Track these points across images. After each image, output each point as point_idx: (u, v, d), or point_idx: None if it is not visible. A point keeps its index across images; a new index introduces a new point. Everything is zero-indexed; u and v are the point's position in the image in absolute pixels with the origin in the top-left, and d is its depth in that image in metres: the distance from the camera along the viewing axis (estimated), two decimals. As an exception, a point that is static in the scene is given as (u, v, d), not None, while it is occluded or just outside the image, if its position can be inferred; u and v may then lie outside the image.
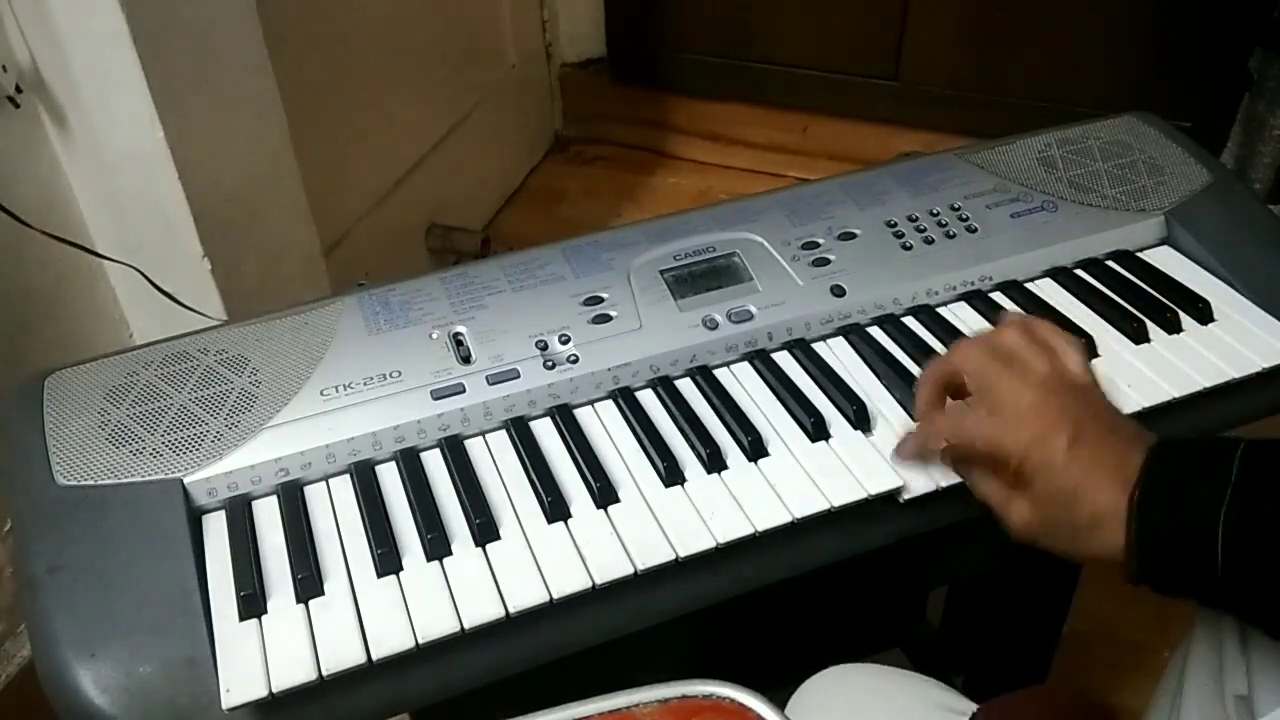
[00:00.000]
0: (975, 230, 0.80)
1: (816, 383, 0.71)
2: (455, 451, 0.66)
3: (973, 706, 0.60)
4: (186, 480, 0.62)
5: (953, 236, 0.80)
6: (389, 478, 0.65)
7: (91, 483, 0.62)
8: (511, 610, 0.57)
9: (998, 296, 0.78)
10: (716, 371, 0.72)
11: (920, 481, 0.64)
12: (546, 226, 1.95)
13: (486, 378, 0.68)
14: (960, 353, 0.64)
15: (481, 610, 0.57)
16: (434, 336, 0.71)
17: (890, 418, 0.68)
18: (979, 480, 0.62)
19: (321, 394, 0.67)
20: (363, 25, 1.50)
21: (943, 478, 0.64)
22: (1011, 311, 0.66)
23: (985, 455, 0.61)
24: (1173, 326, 0.74)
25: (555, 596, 0.57)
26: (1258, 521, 0.52)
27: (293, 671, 0.54)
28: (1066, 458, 0.57)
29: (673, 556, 0.59)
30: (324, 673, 0.54)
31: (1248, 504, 0.52)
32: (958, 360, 0.64)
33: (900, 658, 1.11)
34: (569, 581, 0.58)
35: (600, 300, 0.73)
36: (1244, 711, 0.66)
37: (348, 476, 0.65)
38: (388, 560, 0.59)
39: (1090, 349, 0.72)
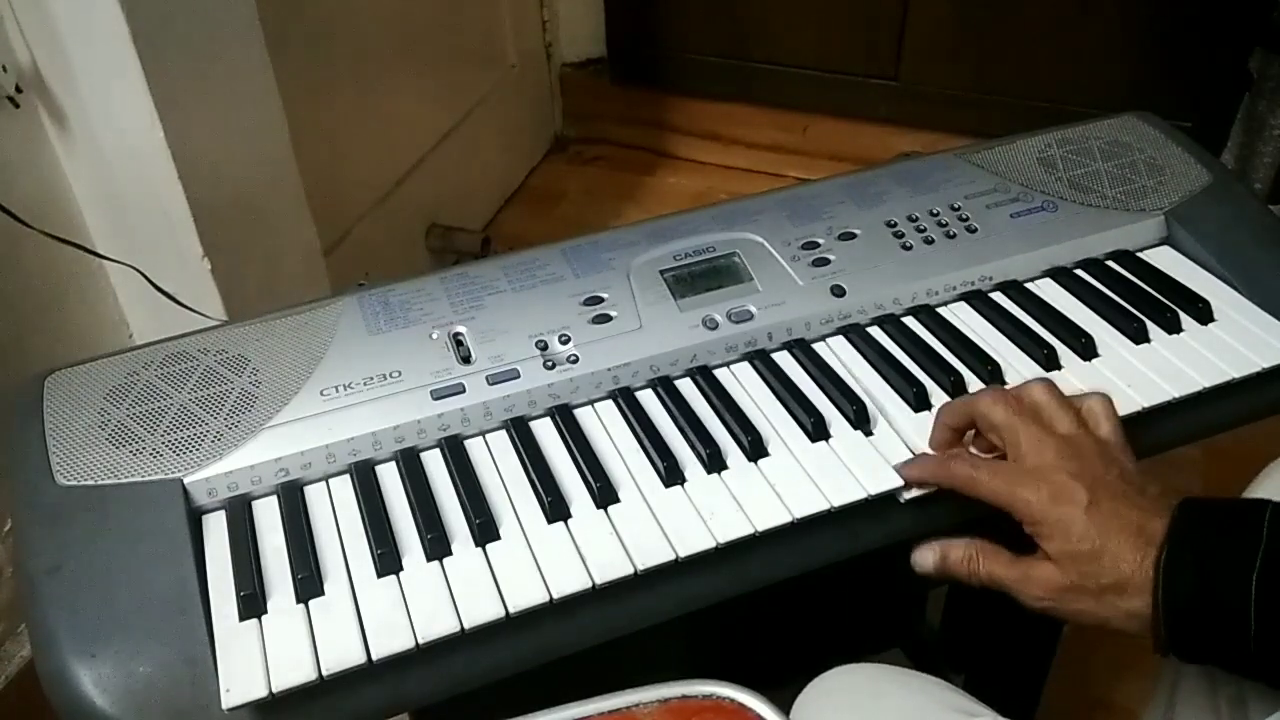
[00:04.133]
0: (975, 230, 0.80)
1: (816, 383, 0.71)
2: (455, 451, 0.66)
3: (982, 707, 0.60)
4: (186, 480, 0.62)
5: (953, 236, 0.80)
6: (389, 478, 0.65)
7: (91, 483, 0.62)
8: (511, 610, 0.57)
9: (998, 296, 0.78)
10: (716, 371, 0.72)
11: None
12: (546, 226, 1.95)
13: (486, 378, 0.68)
14: (985, 400, 0.63)
15: (481, 610, 0.57)
16: (434, 336, 0.71)
17: (890, 418, 0.68)
18: (985, 563, 0.61)
19: (321, 394, 0.67)
20: (363, 25, 1.50)
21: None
22: (1039, 377, 0.65)
23: (997, 510, 0.59)
24: (1173, 326, 0.74)
25: (555, 596, 0.57)
26: None
27: (293, 671, 0.54)
28: (1085, 518, 0.56)
29: (673, 556, 0.59)
30: (324, 673, 0.54)
31: None
32: (982, 408, 0.63)
33: (900, 658, 1.10)
34: (569, 581, 0.58)
35: (600, 300, 0.73)
36: (1237, 713, 0.66)
37: (348, 476, 0.65)
38: (388, 560, 0.59)
39: (1090, 349, 0.73)
